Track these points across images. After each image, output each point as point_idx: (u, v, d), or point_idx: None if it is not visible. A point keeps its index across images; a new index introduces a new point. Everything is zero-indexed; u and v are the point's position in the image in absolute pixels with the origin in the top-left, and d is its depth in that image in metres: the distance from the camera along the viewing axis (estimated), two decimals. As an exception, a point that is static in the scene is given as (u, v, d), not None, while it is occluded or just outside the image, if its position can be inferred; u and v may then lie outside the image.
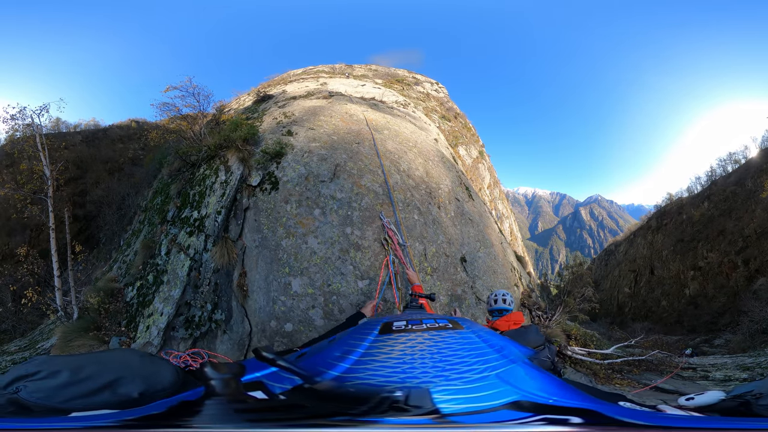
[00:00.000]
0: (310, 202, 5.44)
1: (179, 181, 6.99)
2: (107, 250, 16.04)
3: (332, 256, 5.03)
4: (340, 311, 4.77)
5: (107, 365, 1.21)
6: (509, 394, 1.04)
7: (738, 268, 29.85)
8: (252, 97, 10.70)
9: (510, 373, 1.16)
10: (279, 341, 4.83)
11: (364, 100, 9.10)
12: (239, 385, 1.00)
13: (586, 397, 1.13)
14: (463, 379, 1.09)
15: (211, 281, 5.51)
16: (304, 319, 4.76)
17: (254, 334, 5.04)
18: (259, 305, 5.06)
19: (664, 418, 1.08)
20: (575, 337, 6.73)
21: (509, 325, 3.49)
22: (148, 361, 1.31)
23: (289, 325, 4.79)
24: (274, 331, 4.83)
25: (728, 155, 39.60)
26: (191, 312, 5.44)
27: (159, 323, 5.39)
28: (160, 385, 1.24)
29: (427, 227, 5.62)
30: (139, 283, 6.17)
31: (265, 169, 5.86)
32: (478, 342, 1.38)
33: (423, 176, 6.25)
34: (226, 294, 5.41)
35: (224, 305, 5.38)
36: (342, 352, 1.32)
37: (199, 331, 5.32)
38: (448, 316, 1.70)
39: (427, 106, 14.79)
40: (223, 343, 5.22)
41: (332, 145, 6.20)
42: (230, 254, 5.45)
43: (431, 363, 1.18)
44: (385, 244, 5.14)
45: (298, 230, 5.24)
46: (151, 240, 6.63)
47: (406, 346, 1.34)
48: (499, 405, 0.99)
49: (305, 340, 4.50)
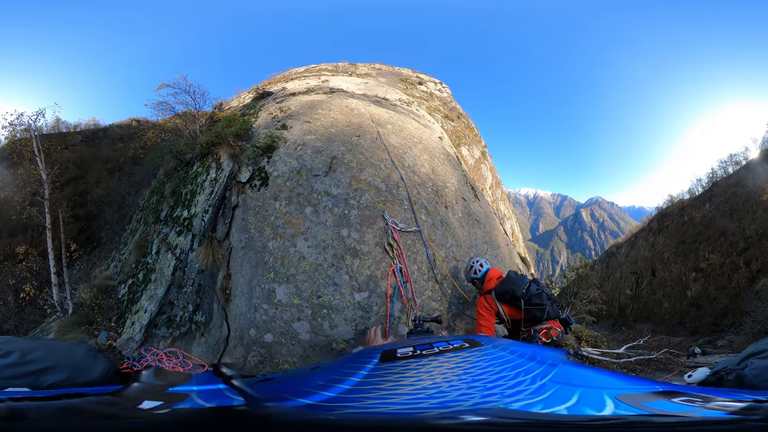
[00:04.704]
0: (302, 198, 4.91)
1: (173, 180, 6.93)
2: (108, 249, 15.97)
3: (324, 262, 4.47)
4: (331, 326, 4.27)
5: (52, 353, 1.28)
6: (591, 393, 0.92)
7: (740, 269, 29.76)
8: (252, 95, 10.62)
9: (563, 374, 1.03)
10: (256, 351, 4.45)
11: (366, 96, 8.99)
12: (159, 391, 0.98)
13: (657, 383, 1.08)
14: (522, 392, 0.93)
15: (194, 282, 5.32)
16: (286, 332, 4.34)
17: (231, 339, 4.73)
18: (241, 311, 4.74)
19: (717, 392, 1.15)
20: (586, 339, 6.68)
21: (495, 281, 3.95)
22: (91, 356, 1.36)
23: (270, 335, 4.40)
24: (252, 340, 4.48)
25: (729, 156, 39.64)
26: (174, 311, 5.35)
27: (142, 320, 5.36)
28: (85, 378, 1.28)
29: (436, 229, 5.07)
30: (131, 281, 6.19)
31: (256, 164, 5.50)
32: (506, 355, 1.23)
33: (429, 173, 5.82)
34: (209, 296, 5.17)
35: (206, 307, 5.15)
36: (327, 381, 1.10)
37: (178, 331, 5.20)
38: (461, 336, 1.56)
39: (430, 105, 14.71)
40: (199, 346, 5.01)
41: (329, 137, 5.70)
42: (215, 255, 5.18)
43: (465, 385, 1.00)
44: (389, 250, 4.49)
45: (286, 231, 4.74)
46: (144, 239, 6.68)
47: (419, 372, 1.14)
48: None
49: (285, 354, 4.27)
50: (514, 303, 3.78)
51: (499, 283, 3.92)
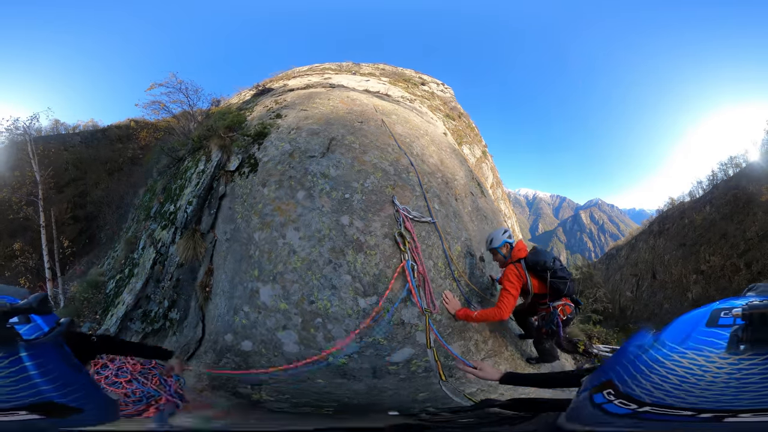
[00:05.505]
0: (294, 182, 4.20)
1: (165, 177, 6.81)
2: (107, 249, 15.94)
3: (319, 258, 3.69)
4: (327, 339, 3.50)
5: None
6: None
7: (740, 271, 29.83)
8: (253, 92, 10.52)
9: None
10: (229, 359, 3.81)
11: (368, 92, 8.87)
12: None
13: None
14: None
15: (173, 276, 4.92)
16: (269, 340, 3.67)
17: (204, 342, 4.18)
18: (219, 312, 4.13)
19: None
20: (596, 336, 6.63)
21: (525, 251, 4.00)
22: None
23: (248, 343, 3.73)
24: (227, 347, 3.87)
25: (729, 159, 39.82)
26: (149, 306, 5.10)
27: (119, 312, 5.21)
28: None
29: (450, 221, 4.48)
30: (119, 276, 6.16)
31: (246, 152, 5.04)
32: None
33: (438, 164, 5.33)
34: (186, 292, 4.73)
35: (182, 304, 4.73)
36: None
37: (151, 327, 4.93)
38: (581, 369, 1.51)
39: (432, 104, 14.64)
40: (170, 344, 4.46)
41: (328, 121, 5.11)
42: (197, 248, 4.70)
43: None
44: (400, 242, 3.77)
45: (275, 219, 4.02)
46: (133, 236, 6.68)
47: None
48: None
49: (264, 364, 3.63)
50: (541, 275, 3.87)
51: (531, 253, 4.00)
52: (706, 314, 1.09)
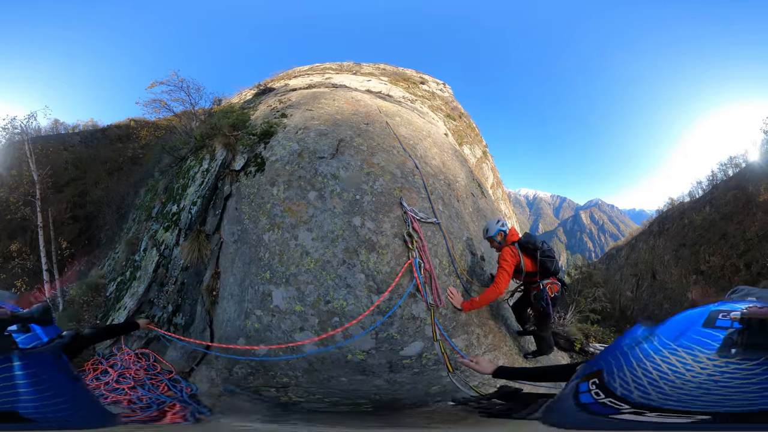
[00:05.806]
0: (303, 182, 4.22)
1: (167, 176, 6.72)
2: (107, 249, 15.88)
3: (333, 258, 3.76)
4: (345, 337, 3.58)
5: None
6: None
7: (740, 271, 29.75)
8: (254, 91, 10.50)
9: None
10: (244, 363, 3.80)
11: (370, 92, 8.89)
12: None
13: None
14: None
15: (177, 280, 4.81)
16: (285, 343, 3.71)
17: (213, 350, 4.11)
18: (229, 316, 4.09)
19: None
20: (593, 335, 6.66)
21: (518, 235, 4.52)
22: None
23: (264, 347, 3.72)
24: (239, 352, 3.87)
25: (729, 159, 39.79)
26: (153, 311, 4.94)
27: (120, 317, 5.12)
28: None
29: (452, 221, 4.70)
30: (120, 278, 6.04)
31: (251, 151, 4.96)
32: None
33: (440, 166, 5.48)
34: (192, 296, 4.63)
35: (187, 309, 4.61)
36: None
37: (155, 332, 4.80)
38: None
39: (432, 104, 14.62)
40: (175, 350, 4.42)
41: (335, 122, 5.17)
42: (202, 250, 4.61)
43: None
44: (408, 241, 3.91)
45: (285, 220, 4.02)
46: (135, 237, 6.57)
47: None
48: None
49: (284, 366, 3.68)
50: (532, 254, 4.37)
51: (523, 235, 4.58)
52: (704, 314, 1.10)
